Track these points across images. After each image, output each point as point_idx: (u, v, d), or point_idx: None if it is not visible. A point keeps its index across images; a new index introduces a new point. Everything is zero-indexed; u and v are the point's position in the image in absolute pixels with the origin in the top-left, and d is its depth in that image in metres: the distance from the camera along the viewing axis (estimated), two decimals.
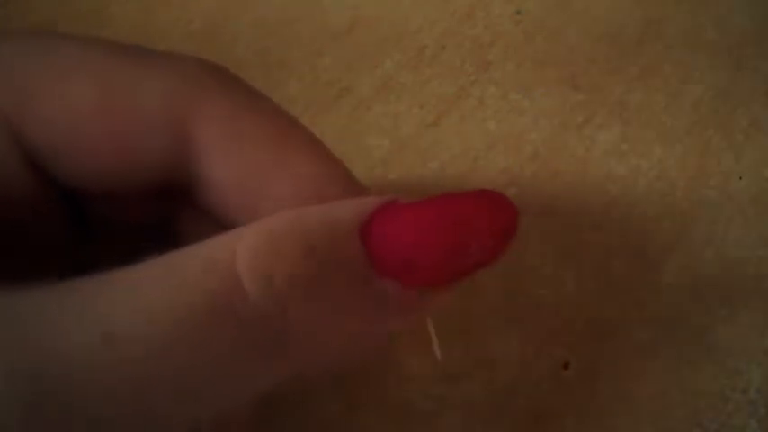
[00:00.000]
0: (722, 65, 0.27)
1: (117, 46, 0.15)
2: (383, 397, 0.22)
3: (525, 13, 0.28)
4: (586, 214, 0.25)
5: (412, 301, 0.15)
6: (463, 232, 0.14)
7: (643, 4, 0.28)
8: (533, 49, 0.27)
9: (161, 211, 0.17)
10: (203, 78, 0.15)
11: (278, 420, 0.22)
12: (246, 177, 0.15)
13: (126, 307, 0.12)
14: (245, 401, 0.14)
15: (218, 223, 0.16)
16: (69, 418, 0.11)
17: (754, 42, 0.27)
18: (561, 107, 0.26)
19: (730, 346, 0.22)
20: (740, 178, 0.25)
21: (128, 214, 0.17)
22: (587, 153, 0.25)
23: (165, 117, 0.15)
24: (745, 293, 0.23)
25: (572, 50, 0.27)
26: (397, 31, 0.28)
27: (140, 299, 0.12)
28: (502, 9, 0.28)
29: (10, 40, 0.15)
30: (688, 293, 0.23)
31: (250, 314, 0.13)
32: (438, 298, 0.15)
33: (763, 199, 0.25)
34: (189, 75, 0.15)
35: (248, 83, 0.16)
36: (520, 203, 0.24)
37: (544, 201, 0.25)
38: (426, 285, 0.15)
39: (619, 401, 0.22)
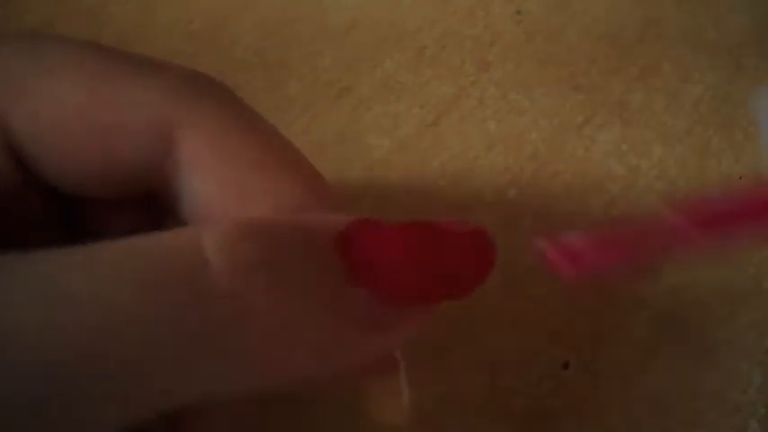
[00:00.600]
0: (722, 65, 0.27)
1: (114, 51, 0.15)
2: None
3: (525, 13, 0.28)
4: (586, 214, 0.25)
5: (385, 317, 0.14)
6: (439, 256, 0.14)
7: (643, 4, 0.28)
8: (533, 49, 0.27)
9: (145, 224, 0.17)
10: (196, 90, 0.15)
11: (277, 420, 0.22)
12: (228, 194, 0.15)
13: (78, 268, 0.12)
14: (205, 399, 0.13)
15: None
16: (11, 379, 0.11)
17: (754, 42, 0.27)
18: (561, 107, 0.26)
19: (730, 346, 0.22)
20: (740, 178, 0.25)
21: (113, 224, 0.17)
22: (587, 153, 0.25)
23: (153, 123, 0.15)
24: (745, 293, 0.23)
25: (572, 50, 0.27)
26: (397, 31, 0.28)
27: (94, 263, 0.12)
28: (502, 9, 0.28)
29: (5, 41, 0.15)
30: (688, 293, 0.23)
31: (211, 289, 0.12)
32: (413, 320, 0.15)
33: None
34: (182, 84, 0.15)
35: (243, 100, 0.16)
36: (520, 203, 0.24)
37: (544, 201, 0.25)
38: (398, 297, 0.14)
39: (619, 401, 0.22)
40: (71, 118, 0.14)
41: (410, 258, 0.14)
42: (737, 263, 0.24)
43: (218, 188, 0.15)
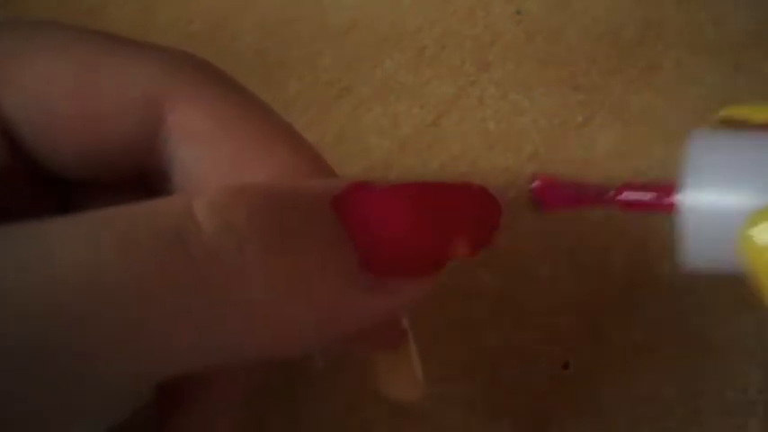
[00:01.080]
0: (722, 65, 0.27)
1: (103, 35, 0.15)
2: (383, 397, 0.22)
3: (525, 13, 0.28)
4: (586, 214, 0.25)
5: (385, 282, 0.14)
6: (439, 213, 0.14)
7: (643, 5, 0.28)
8: (533, 49, 0.27)
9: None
10: (185, 69, 0.15)
11: (277, 420, 0.22)
12: (221, 167, 0.15)
13: (60, 233, 0.12)
14: (203, 365, 0.13)
15: None
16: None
17: (754, 42, 0.27)
18: (561, 107, 0.26)
19: (730, 346, 0.22)
20: None
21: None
22: (587, 153, 0.25)
23: (142, 102, 0.15)
24: (746, 293, 0.23)
25: (572, 50, 0.27)
26: (397, 31, 0.28)
27: (76, 228, 0.12)
28: (502, 9, 0.28)
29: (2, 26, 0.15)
30: (688, 293, 0.23)
31: (203, 249, 0.12)
32: (413, 288, 0.15)
33: None
34: (171, 62, 0.15)
35: (230, 76, 0.16)
36: (520, 203, 0.24)
37: None
38: (396, 265, 0.14)
39: (619, 401, 0.22)
40: (59, 99, 0.15)
41: (410, 218, 0.14)
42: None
43: (212, 159, 0.15)
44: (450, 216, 0.15)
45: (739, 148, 0.16)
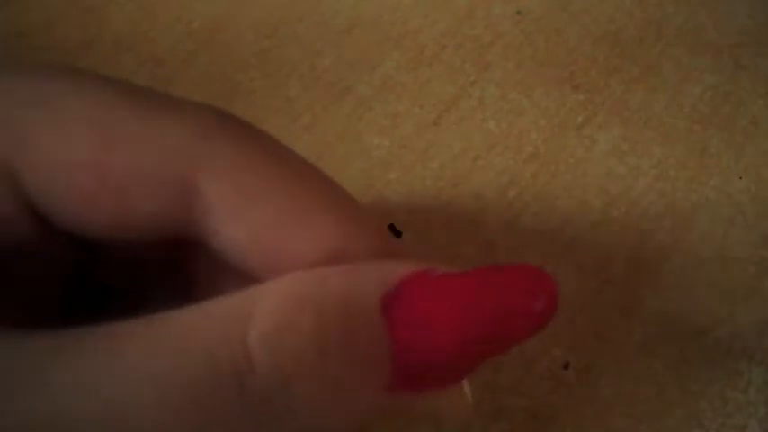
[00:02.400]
0: (722, 65, 0.27)
1: (127, 91, 0.14)
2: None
3: (525, 13, 0.28)
4: (586, 214, 0.25)
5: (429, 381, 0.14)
6: (503, 324, 0.14)
7: (643, 4, 0.28)
8: (533, 49, 0.27)
9: (175, 255, 0.17)
10: (216, 130, 0.14)
11: None
12: (261, 235, 0.15)
13: (126, 370, 0.12)
14: None
15: (235, 270, 0.15)
16: None
17: (754, 42, 0.27)
18: (561, 107, 0.26)
19: (730, 346, 0.22)
20: (740, 178, 0.25)
21: (138, 260, 0.17)
22: (587, 153, 0.25)
23: (168, 172, 0.14)
24: (745, 293, 0.23)
25: (572, 50, 0.27)
26: (397, 31, 0.28)
27: (143, 363, 0.12)
28: (502, 9, 0.28)
29: (9, 81, 0.14)
30: (688, 293, 0.23)
31: (256, 390, 0.13)
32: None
33: (763, 199, 0.25)
34: (200, 126, 0.14)
35: (267, 133, 0.15)
36: (520, 203, 0.24)
37: (544, 201, 0.25)
38: (450, 381, 0.14)
39: (619, 401, 0.22)
40: (84, 172, 0.14)
41: (470, 330, 0.14)
42: (737, 263, 0.24)
43: (250, 229, 0.15)
44: (506, 321, 0.14)
45: None
